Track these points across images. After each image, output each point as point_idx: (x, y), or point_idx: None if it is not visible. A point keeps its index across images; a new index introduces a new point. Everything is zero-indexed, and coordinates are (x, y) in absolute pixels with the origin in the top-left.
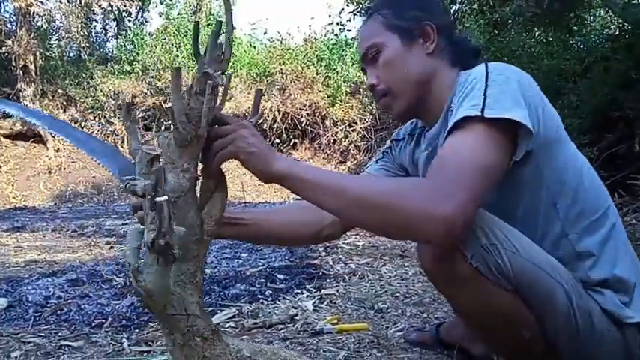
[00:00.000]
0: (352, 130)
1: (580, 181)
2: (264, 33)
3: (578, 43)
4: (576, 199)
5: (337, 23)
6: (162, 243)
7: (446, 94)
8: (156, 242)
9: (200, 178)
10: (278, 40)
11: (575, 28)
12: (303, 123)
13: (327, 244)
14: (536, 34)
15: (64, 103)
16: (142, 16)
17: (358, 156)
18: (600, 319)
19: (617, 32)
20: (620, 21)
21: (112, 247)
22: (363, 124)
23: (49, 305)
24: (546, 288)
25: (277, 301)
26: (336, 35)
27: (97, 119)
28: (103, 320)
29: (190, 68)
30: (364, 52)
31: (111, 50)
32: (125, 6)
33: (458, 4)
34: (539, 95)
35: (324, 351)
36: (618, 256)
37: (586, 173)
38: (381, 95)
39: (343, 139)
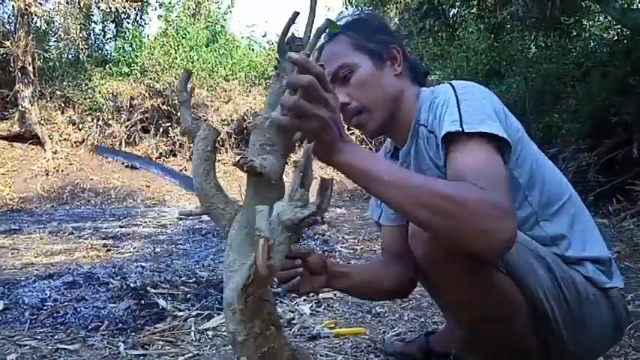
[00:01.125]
0: (351, 134)
1: (544, 174)
2: (263, 36)
3: (577, 48)
4: (542, 190)
5: None
6: (320, 219)
7: (412, 110)
8: (307, 220)
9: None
10: (277, 42)
11: (574, 33)
12: None
13: (325, 248)
14: (535, 38)
15: (62, 104)
16: (140, 18)
17: None
18: (584, 286)
19: (615, 37)
20: (619, 26)
21: (108, 250)
22: None
23: (45, 308)
24: (529, 263)
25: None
26: None
27: (95, 121)
28: (100, 323)
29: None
30: (334, 71)
31: (109, 52)
32: (124, 8)
33: (457, 9)
34: (501, 105)
35: (321, 355)
36: (587, 236)
37: (548, 168)
38: (355, 113)
39: None
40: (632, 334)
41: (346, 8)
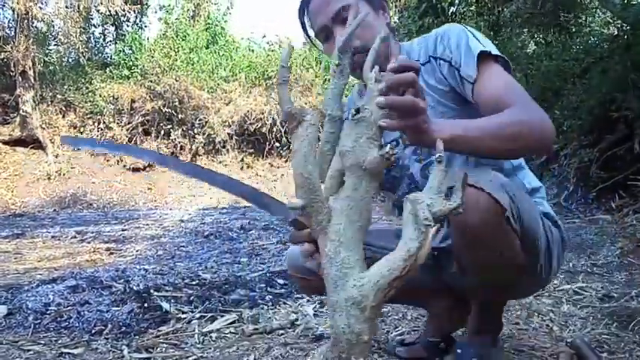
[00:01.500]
0: None
1: None
2: (263, 36)
3: (577, 44)
4: None
5: None
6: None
7: (395, 55)
8: (453, 211)
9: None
10: (277, 43)
11: (573, 29)
12: None
13: None
14: (534, 35)
15: (63, 108)
16: (140, 21)
17: None
18: (546, 222)
19: (615, 33)
20: (619, 21)
21: (111, 254)
22: None
23: (48, 312)
24: (537, 219)
25: (278, 306)
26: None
27: (96, 124)
28: (103, 327)
29: (188, 72)
30: (336, 10)
31: (110, 55)
32: (124, 11)
33: (456, 6)
34: None
35: None
36: (528, 174)
37: None
38: (355, 52)
39: None
40: (636, 330)
41: None
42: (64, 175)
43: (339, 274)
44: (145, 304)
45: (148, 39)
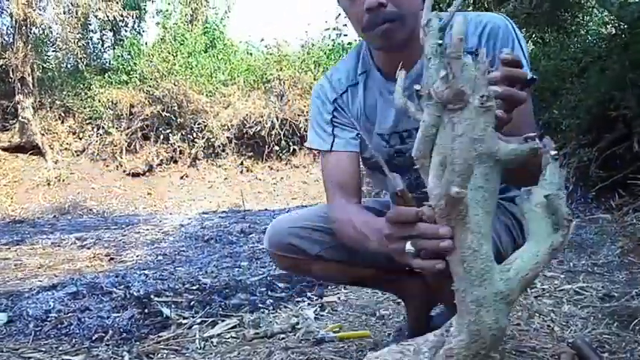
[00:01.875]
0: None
1: None
2: (261, 40)
3: (575, 44)
4: None
5: (334, 28)
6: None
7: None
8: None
9: None
10: (275, 46)
11: (571, 28)
12: (302, 129)
13: None
14: (533, 35)
15: (62, 114)
16: (138, 26)
17: None
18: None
19: (613, 32)
20: (617, 21)
21: (111, 259)
22: None
23: (49, 319)
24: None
25: (278, 310)
26: (333, 40)
27: (95, 130)
28: (104, 334)
29: (187, 77)
30: None
31: (108, 60)
32: (122, 16)
33: (455, 7)
34: None
35: None
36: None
37: None
38: (387, 20)
39: None
40: (637, 329)
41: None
42: (63, 181)
43: (485, 267)
44: (146, 310)
45: (146, 44)
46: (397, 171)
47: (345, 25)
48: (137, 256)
